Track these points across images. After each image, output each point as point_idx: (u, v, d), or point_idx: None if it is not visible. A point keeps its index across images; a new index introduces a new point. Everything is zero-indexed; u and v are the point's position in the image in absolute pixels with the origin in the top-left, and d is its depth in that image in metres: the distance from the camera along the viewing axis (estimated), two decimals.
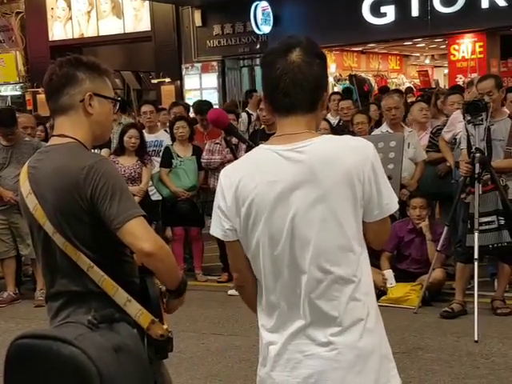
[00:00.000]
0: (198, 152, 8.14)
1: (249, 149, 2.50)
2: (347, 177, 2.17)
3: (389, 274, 6.91)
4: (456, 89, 9.86)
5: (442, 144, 7.44)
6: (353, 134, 7.82)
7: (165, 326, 2.52)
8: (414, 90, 17.03)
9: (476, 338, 5.61)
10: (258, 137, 7.30)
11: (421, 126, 7.91)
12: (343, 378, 2.22)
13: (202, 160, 8.04)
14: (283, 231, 2.21)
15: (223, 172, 2.36)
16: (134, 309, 2.47)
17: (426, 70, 20.29)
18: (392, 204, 2.27)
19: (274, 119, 2.36)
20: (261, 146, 2.32)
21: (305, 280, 2.22)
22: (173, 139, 8.30)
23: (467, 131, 6.28)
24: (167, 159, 8.15)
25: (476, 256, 5.95)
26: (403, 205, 7.12)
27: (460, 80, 14.38)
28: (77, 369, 2.15)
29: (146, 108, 8.84)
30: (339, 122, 9.40)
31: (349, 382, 2.22)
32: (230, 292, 7.44)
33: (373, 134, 7.55)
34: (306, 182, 2.18)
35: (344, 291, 2.22)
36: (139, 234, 2.44)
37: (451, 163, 7.23)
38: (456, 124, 7.03)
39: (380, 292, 6.89)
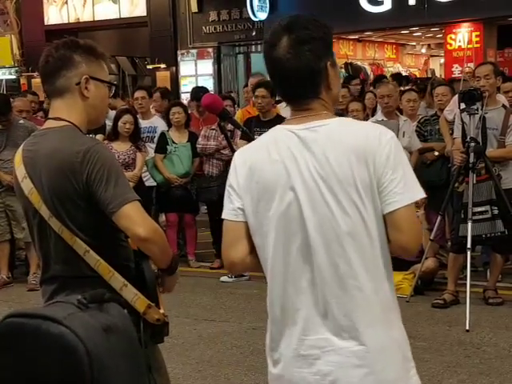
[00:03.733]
0: (193, 138, 8.12)
1: (244, 135, 2.49)
2: (360, 157, 2.10)
3: None
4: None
5: (443, 123, 7.40)
6: None
7: (161, 311, 2.53)
8: (411, 79, 16.98)
9: (467, 328, 5.62)
10: (253, 124, 7.28)
11: (410, 115, 7.85)
12: (365, 376, 2.13)
13: (197, 145, 8.03)
14: (296, 213, 2.15)
15: (238, 152, 2.31)
16: (130, 293, 2.47)
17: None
18: (413, 192, 2.13)
19: (268, 107, 2.34)
20: (277, 126, 2.27)
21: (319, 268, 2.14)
22: (169, 125, 8.28)
23: (462, 120, 6.28)
24: (162, 145, 8.13)
25: (469, 246, 5.95)
26: None
27: (456, 70, 14.37)
28: (65, 348, 2.15)
29: (138, 94, 8.75)
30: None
31: (369, 380, 2.13)
32: (223, 279, 7.46)
33: (367, 122, 7.53)
34: (318, 162, 2.13)
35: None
36: (134, 219, 2.44)
37: (448, 144, 7.17)
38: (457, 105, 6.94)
39: None
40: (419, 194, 2.15)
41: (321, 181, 2.12)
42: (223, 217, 2.26)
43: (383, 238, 2.16)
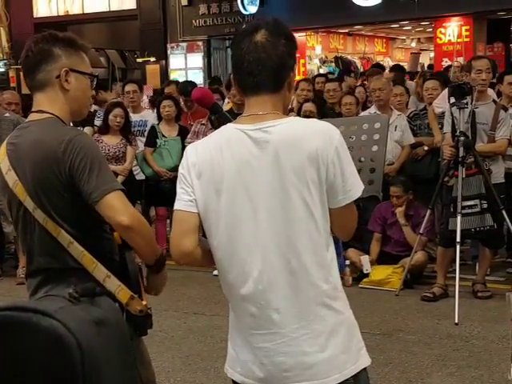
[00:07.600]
0: (183, 132, 8.10)
1: None
2: (312, 159, 2.17)
3: (365, 259, 6.94)
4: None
5: (431, 116, 7.43)
6: (338, 115, 7.82)
7: (144, 302, 2.53)
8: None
9: (456, 321, 5.65)
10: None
11: (399, 109, 7.84)
12: (315, 358, 2.24)
13: (185, 142, 8.01)
14: (247, 210, 2.22)
15: (191, 146, 2.35)
16: (114, 285, 2.48)
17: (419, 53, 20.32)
18: (355, 190, 2.25)
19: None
20: (229, 124, 2.32)
21: (272, 263, 2.22)
22: (159, 118, 8.27)
23: (452, 114, 6.30)
24: (152, 139, 8.12)
25: (458, 239, 5.97)
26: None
27: (446, 64, 14.37)
28: (56, 341, 2.15)
29: (129, 87, 8.71)
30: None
31: (320, 362, 2.23)
32: (215, 272, 7.43)
33: (360, 115, 7.56)
34: (271, 163, 2.19)
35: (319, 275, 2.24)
36: (117, 207, 2.44)
37: (437, 138, 7.17)
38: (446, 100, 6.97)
39: (362, 274, 6.93)
40: (360, 192, 2.26)
41: (274, 181, 2.19)
42: (177, 208, 2.34)
43: (328, 229, 2.27)
